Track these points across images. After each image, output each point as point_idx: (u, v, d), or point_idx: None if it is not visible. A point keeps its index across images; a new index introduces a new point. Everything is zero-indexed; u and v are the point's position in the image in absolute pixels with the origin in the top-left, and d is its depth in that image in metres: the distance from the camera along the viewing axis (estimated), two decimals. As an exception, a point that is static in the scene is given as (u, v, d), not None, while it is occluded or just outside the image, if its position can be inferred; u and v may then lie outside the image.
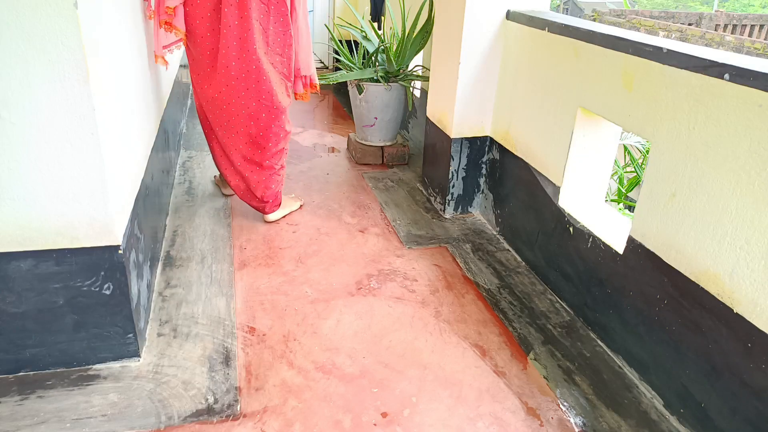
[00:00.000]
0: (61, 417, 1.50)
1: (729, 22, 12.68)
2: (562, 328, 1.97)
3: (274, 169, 2.45)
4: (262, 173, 2.43)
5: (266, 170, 2.43)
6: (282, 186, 2.55)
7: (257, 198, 2.49)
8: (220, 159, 2.47)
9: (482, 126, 2.60)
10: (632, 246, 1.72)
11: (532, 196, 2.28)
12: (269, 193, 2.49)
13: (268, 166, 2.42)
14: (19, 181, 1.40)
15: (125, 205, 1.65)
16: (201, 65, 2.26)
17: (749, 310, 1.35)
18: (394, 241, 2.50)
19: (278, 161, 2.46)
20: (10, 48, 1.27)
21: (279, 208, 2.60)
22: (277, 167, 2.46)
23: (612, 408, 1.64)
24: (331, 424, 1.54)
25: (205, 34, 2.19)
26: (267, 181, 2.45)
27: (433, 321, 1.98)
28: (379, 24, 4.19)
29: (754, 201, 1.32)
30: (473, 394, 1.66)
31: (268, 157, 2.41)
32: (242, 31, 2.16)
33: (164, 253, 2.30)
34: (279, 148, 2.42)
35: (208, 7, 2.14)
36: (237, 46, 2.17)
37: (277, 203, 2.57)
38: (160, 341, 1.80)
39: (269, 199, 2.51)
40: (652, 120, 1.62)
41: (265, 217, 2.58)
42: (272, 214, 2.58)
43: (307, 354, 1.79)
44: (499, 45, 2.44)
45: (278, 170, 2.47)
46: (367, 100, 3.24)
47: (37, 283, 1.52)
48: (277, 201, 2.56)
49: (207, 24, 2.17)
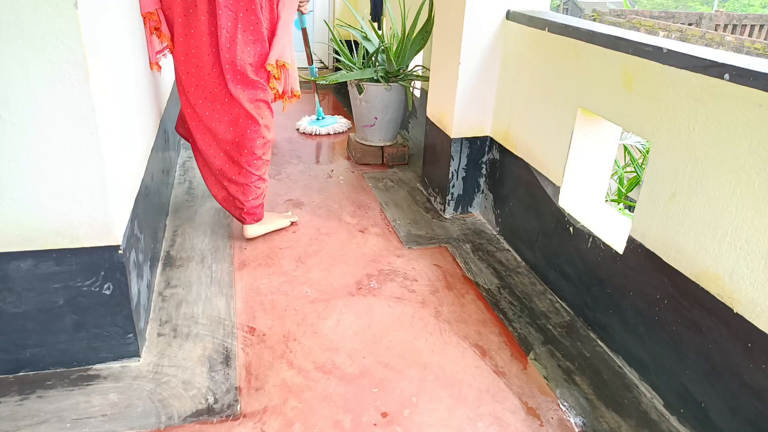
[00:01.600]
0: (61, 417, 1.50)
1: (729, 22, 12.69)
2: (562, 328, 1.97)
3: (251, 179, 2.30)
4: (239, 183, 2.30)
5: (244, 179, 2.29)
6: (262, 199, 2.39)
7: (237, 208, 2.36)
8: (202, 169, 2.37)
9: (482, 126, 2.60)
10: (632, 246, 1.72)
11: (532, 196, 2.28)
12: (247, 206, 2.34)
13: (246, 174, 2.28)
14: (19, 181, 1.40)
15: (125, 205, 1.65)
16: (179, 71, 2.18)
17: (749, 310, 1.35)
18: (394, 241, 2.50)
19: (256, 170, 2.30)
20: (10, 48, 1.27)
21: (259, 222, 2.43)
22: (254, 179, 2.31)
23: (612, 408, 1.64)
24: (331, 424, 1.54)
25: (178, 40, 2.13)
26: (244, 192, 2.31)
27: (433, 321, 1.98)
28: (379, 24, 4.19)
29: (754, 201, 1.33)
30: (473, 394, 1.66)
31: (245, 164, 2.27)
32: (213, 38, 2.10)
33: (164, 253, 2.30)
34: (256, 156, 2.27)
35: (179, 13, 2.09)
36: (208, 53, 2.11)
37: (257, 217, 2.41)
38: (160, 341, 1.80)
39: (248, 211, 2.36)
40: (652, 120, 1.62)
41: (244, 231, 2.42)
42: (251, 228, 2.42)
43: (307, 354, 1.79)
44: (499, 45, 2.44)
45: (254, 182, 2.31)
46: (367, 100, 3.24)
47: (37, 283, 1.52)
48: (257, 215, 2.40)
49: (180, 30, 2.11)
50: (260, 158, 2.30)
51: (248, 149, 2.25)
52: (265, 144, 2.30)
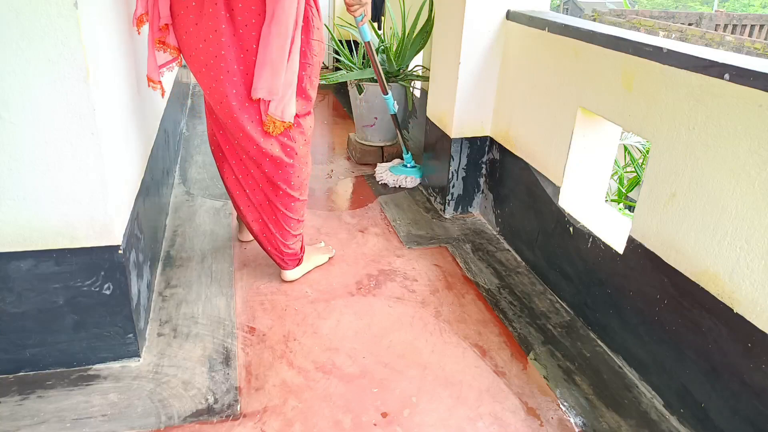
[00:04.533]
0: (61, 417, 1.50)
1: (729, 22, 12.69)
2: (562, 328, 1.97)
3: (289, 222, 1.98)
4: (276, 228, 1.99)
5: (279, 223, 1.98)
6: (301, 243, 2.11)
7: (274, 248, 2.05)
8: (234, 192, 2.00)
9: (482, 126, 2.60)
10: (632, 246, 1.72)
11: (532, 196, 2.28)
12: (285, 251, 2.05)
13: (283, 217, 1.97)
14: (19, 181, 1.40)
15: (125, 205, 1.65)
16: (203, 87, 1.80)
17: (749, 310, 1.35)
18: (394, 241, 2.50)
19: (292, 214, 1.97)
20: (10, 48, 1.27)
21: (299, 265, 2.15)
22: (291, 224, 1.99)
23: (612, 408, 1.64)
24: (331, 424, 1.54)
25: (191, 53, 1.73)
26: (283, 235, 2.01)
27: (433, 321, 1.98)
28: (379, 24, 4.19)
29: (754, 201, 1.33)
30: (473, 394, 1.66)
31: (280, 205, 1.95)
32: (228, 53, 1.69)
33: (164, 253, 2.30)
34: (293, 196, 1.94)
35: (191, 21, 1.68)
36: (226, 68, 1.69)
37: (297, 261, 2.12)
38: (160, 341, 1.80)
39: (286, 256, 2.07)
40: (652, 120, 1.62)
41: (282, 275, 2.14)
42: (291, 272, 2.12)
43: (307, 354, 1.79)
44: (499, 45, 2.44)
45: (293, 227, 2.00)
46: (367, 100, 3.24)
47: (37, 283, 1.52)
48: (296, 259, 2.12)
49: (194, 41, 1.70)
50: (297, 199, 1.98)
51: (281, 188, 1.92)
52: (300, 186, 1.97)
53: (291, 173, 1.91)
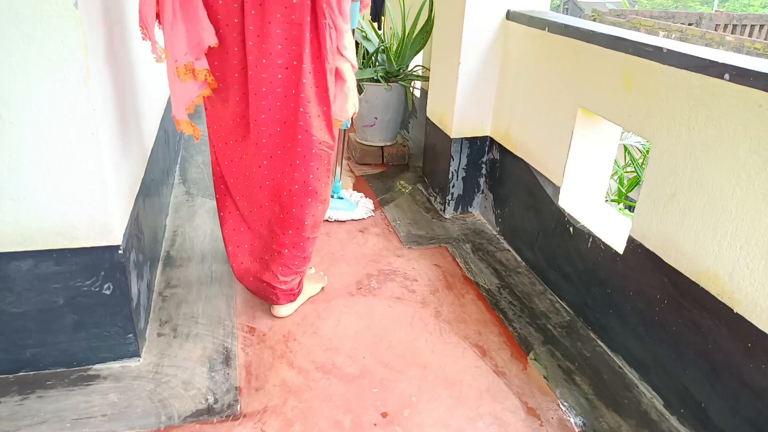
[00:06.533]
0: (61, 417, 1.50)
1: (729, 22, 12.68)
2: (562, 328, 1.97)
3: (293, 260, 1.85)
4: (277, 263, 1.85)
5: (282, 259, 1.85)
6: (300, 279, 1.95)
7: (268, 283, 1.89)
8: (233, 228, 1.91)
9: (482, 126, 2.60)
10: (632, 246, 1.72)
11: (532, 196, 2.28)
12: (279, 286, 1.89)
13: (288, 256, 1.84)
14: (19, 181, 1.40)
15: (125, 205, 1.65)
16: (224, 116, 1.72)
17: (749, 310, 1.35)
18: (394, 241, 2.50)
19: (299, 253, 1.85)
20: (10, 48, 1.27)
21: (293, 301, 1.98)
22: (296, 263, 1.86)
23: (612, 408, 1.64)
24: (331, 424, 1.54)
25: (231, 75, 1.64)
26: (283, 271, 1.86)
27: (433, 321, 1.98)
28: (379, 24, 4.19)
29: (754, 201, 1.33)
30: (473, 394, 1.66)
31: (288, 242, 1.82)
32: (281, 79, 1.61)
33: (164, 253, 2.30)
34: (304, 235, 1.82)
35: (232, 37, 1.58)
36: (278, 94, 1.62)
37: (291, 297, 1.96)
38: (160, 341, 1.80)
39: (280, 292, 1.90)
40: (652, 120, 1.62)
41: (273, 310, 1.96)
42: (283, 307, 1.95)
43: (307, 354, 1.79)
44: (499, 45, 2.44)
45: (297, 265, 1.87)
46: (367, 100, 3.24)
47: (37, 283, 1.52)
48: (291, 295, 1.95)
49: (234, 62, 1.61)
50: (309, 239, 1.86)
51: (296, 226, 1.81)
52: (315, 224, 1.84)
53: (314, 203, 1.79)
